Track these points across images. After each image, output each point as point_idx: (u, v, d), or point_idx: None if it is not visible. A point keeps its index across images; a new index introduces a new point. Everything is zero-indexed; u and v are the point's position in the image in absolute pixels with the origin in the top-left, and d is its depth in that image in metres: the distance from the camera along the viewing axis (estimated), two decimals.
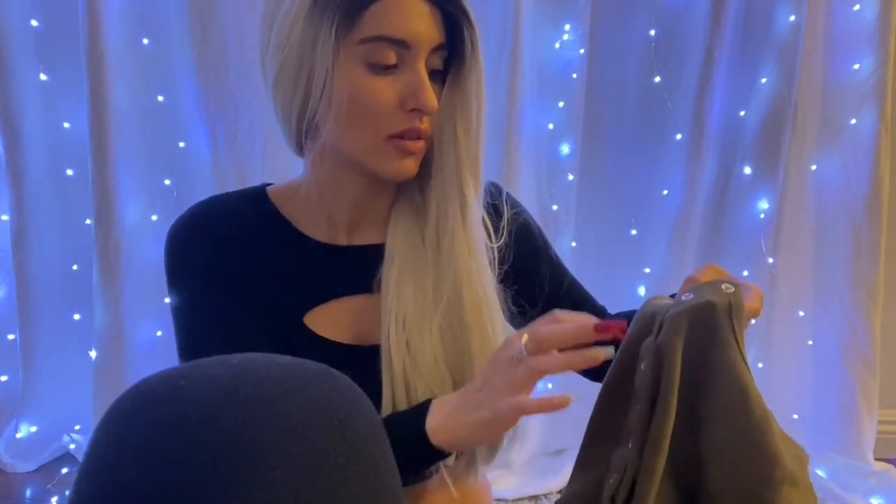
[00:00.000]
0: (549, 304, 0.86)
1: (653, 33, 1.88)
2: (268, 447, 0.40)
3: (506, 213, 0.85)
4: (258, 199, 0.82)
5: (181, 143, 1.85)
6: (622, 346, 0.62)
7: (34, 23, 1.81)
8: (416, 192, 0.81)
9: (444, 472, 0.75)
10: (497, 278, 0.81)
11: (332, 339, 0.79)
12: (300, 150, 0.79)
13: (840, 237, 1.93)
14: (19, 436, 1.95)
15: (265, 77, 0.75)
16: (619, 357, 0.62)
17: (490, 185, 0.85)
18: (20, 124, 1.82)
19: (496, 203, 0.85)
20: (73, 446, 1.98)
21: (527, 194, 1.87)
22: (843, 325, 1.94)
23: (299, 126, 0.74)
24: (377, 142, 0.73)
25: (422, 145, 0.75)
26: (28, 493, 1.84)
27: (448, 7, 0.72)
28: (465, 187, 0.76)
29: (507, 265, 0.84)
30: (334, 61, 0.70)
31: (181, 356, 0.77)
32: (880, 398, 1.97)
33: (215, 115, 1.80)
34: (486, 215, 0.81)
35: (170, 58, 1.82)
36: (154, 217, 1.87)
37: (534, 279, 0.87)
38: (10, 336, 1.96)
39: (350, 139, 0.74)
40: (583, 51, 1.85)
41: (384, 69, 0.71)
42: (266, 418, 0.41)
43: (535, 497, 1.85)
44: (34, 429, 1.97)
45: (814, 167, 1.94)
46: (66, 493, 1.72)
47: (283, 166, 1.75)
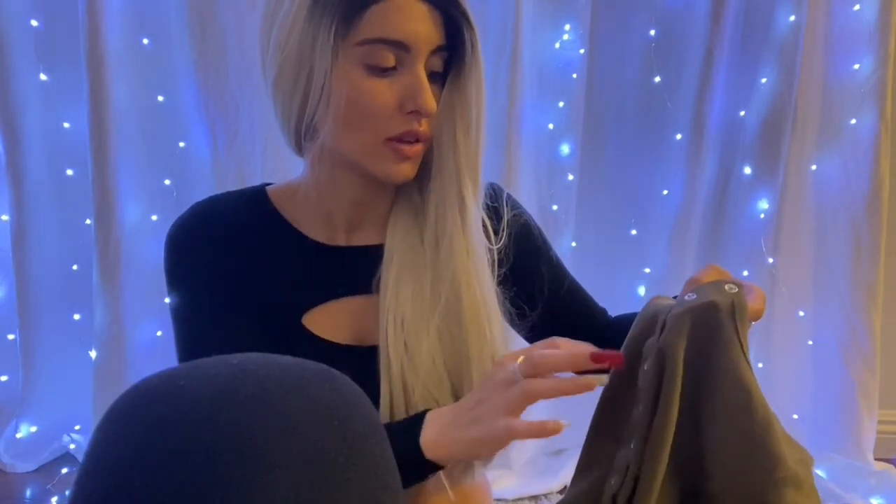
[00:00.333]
0: (548, 306, 0.86)
1: (653, 33, 1.88)
2: (268, 447, 0.40)
3: (506, 215, 0.85)
4: (258, 199, 0.82)
5: (181, 143, 1.85)
6: (624, 346, 0.62)
7: (34, 23, 1.81)
8: (415, 193, 0.80)
9: (442, 473, 0.74)
10: (497, 280, 0.81)
11: (330, 340, 0.79)
12: (299, 150, 0.79)
13: (840, 237, 1.93)
14: (19, 436, 1.95)
15: (265, 77, 0.75)
16: None
17: (490, 186, 0.85)
18: (20, 124, 1.82)
19: (496, 204, 0.85)
20: (73, 446, 1.98)
21: (527, 194, 1.87)
22: (843, 325, 1.94)
23: (298, 127, 0.74)
24: (375, 144, 0.73)
25: (419, 149, 0.75)
26: (28, 493, 1.84)
27: (447, 9, 0.72)
28: (464, 190, 0.76)
29: (507, 267, 0.83)
30: (333, 63, 0.69)
31: (180, 356, 0.77)
32: (880, 398, 1.97)
33: (215, 115, 1.80)
34: (485, 217, 0.81)
35: (170, 58, 1.82)
36: (154, 217, 1.87)
37: (533, 281, 0.86)
38: (10, 336, 1.96)
39: (348, 141, 0.74)
40: (583, 51, 1.85)
41: (383, 71, 0.71)
42: (266, 418, 0.41)
43: (535, 497, 1.85)
44: (34, 429, 1.97)
45: (814, 167, 1.94)
46: (66, 493, 1.72)
47: (283, 166, 1.75)
